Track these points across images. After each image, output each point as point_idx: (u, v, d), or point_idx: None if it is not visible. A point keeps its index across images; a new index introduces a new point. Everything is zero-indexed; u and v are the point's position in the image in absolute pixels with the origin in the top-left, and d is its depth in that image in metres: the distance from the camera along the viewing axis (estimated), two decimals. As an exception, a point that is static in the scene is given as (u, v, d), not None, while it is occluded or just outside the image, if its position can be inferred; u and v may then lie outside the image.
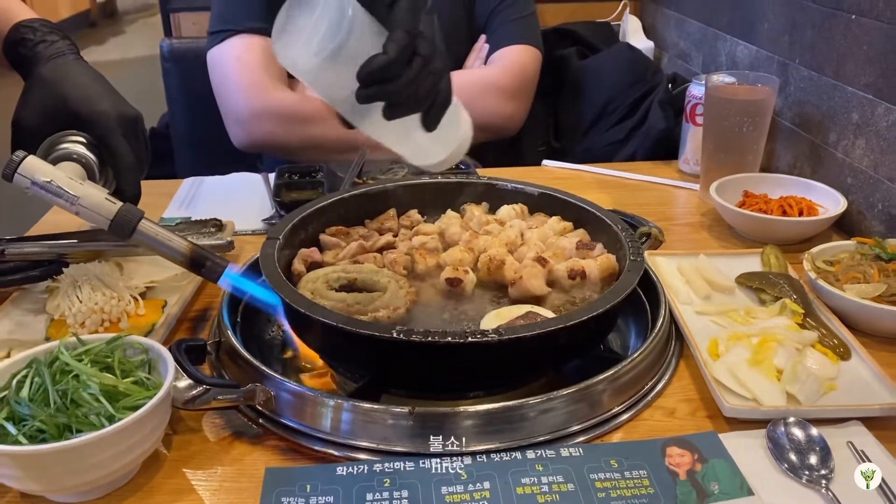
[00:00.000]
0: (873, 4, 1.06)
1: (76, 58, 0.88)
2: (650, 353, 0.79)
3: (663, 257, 0.99)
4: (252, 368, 0.75)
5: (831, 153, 1.17)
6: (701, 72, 1.59)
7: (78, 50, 0.90)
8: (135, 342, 0.70)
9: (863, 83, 1.09)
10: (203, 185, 1.32)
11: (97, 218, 0.75)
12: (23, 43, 0.88)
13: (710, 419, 0.74)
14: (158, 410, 0.64)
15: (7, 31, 0.89)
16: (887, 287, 0.84)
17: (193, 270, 0.79)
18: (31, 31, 0.89)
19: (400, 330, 0.69)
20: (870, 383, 0.76)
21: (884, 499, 0.62)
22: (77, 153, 0.83)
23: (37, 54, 0.87)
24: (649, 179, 1.33)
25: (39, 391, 0.64)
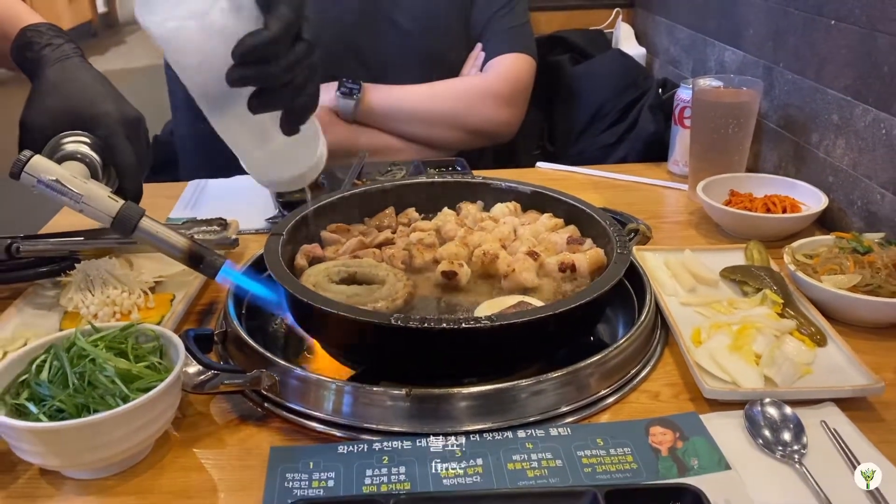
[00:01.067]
0: (850, 10, 1.10)
1: (81, 61, 0.91)
2: (636, 340, 0.82)
3: (651, 252, 1.03)
4: (257, 355, 0.79)
5: (814, 153, 1.21)
6: (690, 76, 1.64)
7: (83, 53, 0.93)
8: (147, 329, 0.74)
9: (842, 85, 1.13)
10: (208, 187, 1.37)
11: (100, 215, 0.77)
12: (29, 46, 0.91)
13: (692, 401, 0.77)
14: (170, 392, 0.68)
15: (15, 34, 0.92)
16: (862, 278, 0.88)
17: (192, 266, 0.80)
18: (37, 34, 0.92)
19: (398, 317, 0.73)
20: (844, 367, 0.80)
21: (853, 473, 0.66)
22: (81, 153, 0.85)
23: (42, 57, 0.90)
24: (640, 180, 1.38)
25: (58, 374, 0.68)
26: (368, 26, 1.48)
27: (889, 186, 1.04)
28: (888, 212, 1.04)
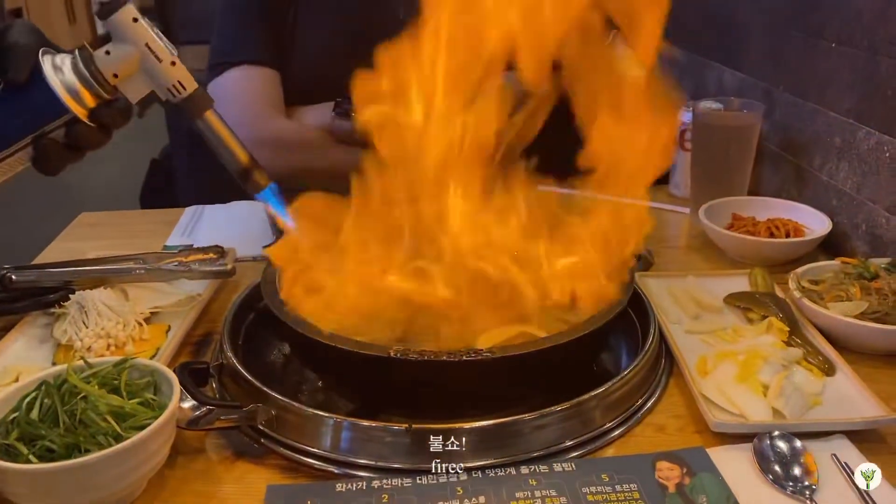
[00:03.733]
0: (851, 34, 1.10)
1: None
2: (640, 370, 0.81)
3: (654, 279, 1.01)
4: (254, 389, 0.77)
5: (816, 176, 1.20)
6: (690, 98, 1.63)
7: None
8: (140, 364, 0.73)
9: (844, 108, 1.12)
10: (205, 213, 1.35)
11: (168, 85, 0.75)
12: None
13: (699, 434, 0.76)
14: (163, 430, 0.66)
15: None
16: (869, 305, 0.87)
17: (240, 177, 0.81)
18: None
19: (397, 350, 0.71)
20: (853, 398, 0.78)
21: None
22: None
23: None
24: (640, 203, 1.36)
25: (49, 412, 0.66)
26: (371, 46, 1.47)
27: (894, 210, 1.02)
28: (894, 236, 1.03)
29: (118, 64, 0.73)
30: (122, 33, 0.73)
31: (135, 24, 0.73)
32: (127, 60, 0.74)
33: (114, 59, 0.73)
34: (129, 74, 0.74)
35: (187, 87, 0.76)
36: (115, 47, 0.74)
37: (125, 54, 0.73)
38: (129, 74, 0.74)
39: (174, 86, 0.75)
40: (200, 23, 2.13)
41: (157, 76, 0.74)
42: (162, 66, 0.74)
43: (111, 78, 0.74)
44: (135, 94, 0.75)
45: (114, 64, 0.73)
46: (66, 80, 0.72)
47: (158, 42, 0.74)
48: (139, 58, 0.73)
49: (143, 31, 0.73)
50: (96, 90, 0.73)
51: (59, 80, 0.72)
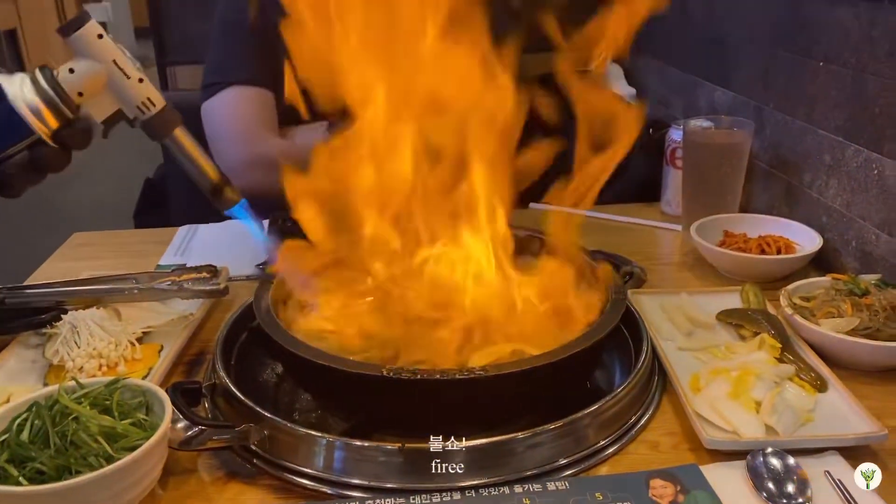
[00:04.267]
0: (839, 52, 1.11)
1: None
2: (634, 388, 0.81)
3: (646, 296, 1.02)
4: (246, 409, 0.77)
5: (806, 193, 1.21)
6: (682, 116, 1.64)
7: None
8: (132, 385, 0.72)
9: (833, 126, 1.13)
10: (198, 232, 1.35)
11: (139, 102, 0.73)
12: None
13: (693, 451, 0.76)
14: (155, 451, 0.66)
15: None
16: (860, 321, 0.87)
17: (211, 194, 0.80)
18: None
19: (390, 369, 0.71)
20: (846, 414, 0.78)
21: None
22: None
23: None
24: (633, 221, 1.37)
25: (40, 433, 0.66)
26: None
27: (883, 227, 1.03)
28: (883, 252, 1.03)
29: (83, 82, 0.71)
30: (87, 50, 0.71)
31: (100, 41, 0.71)
32: (93, 78, 0.71)
33: (78, 77, 0.71)
34: (95, 93, 0.72)
35: (156, 103, 0.74)
36: (80, 64, 0.71)
37: (91, 72, 0.71)
38: (95, 93, 0.72)
39: (143, 103, 0.74)
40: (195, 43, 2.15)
41: (124, 94, 0.72)
42: (130, 83, 0.72)
43: (76, 97, 0.71)
44: (101, 112, 0.73)
45: (78, 82, 0.71)
46: (28, 100, 0.70)
47: (125, 58, 0.72)
48: (105, 75, 0.71)
49: (110, 47, 0.71)
50: (60, 110, 0.71)
51: (21, 100, 0.69)
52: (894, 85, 1.00)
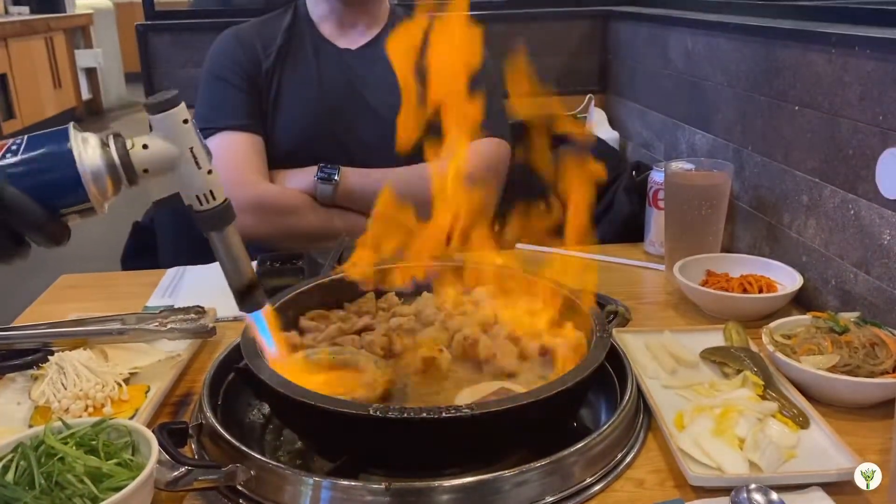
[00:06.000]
0: (813, 97, 1.15)
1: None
2: (619, 425, 0.82)
3: (631, 334, 1.03)
4: (233, 449, 0.77)
5: (786, 233, 1.24)
6: (663, 159, 1.68)
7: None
8: (119, 425, 0.72)
9: (809, 167, 1.16)
10: (186, 274, 1.36)
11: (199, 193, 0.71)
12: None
13: (678, 488, 0.76)
14: (141, 491, 0.66)
15: None
16: (840, 358, 0.88)
17: (240, 293, 0.78)
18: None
19: (376, 408, 0.72)
20: (828, 450, 0.79)
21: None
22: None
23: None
24: (617, 261, 1.39)
25: (25, 474, 0.65)
26: (347, 112, 1.52)
27: (861, 266, 1.05)
28: (862, 291, 1.05)
29: (153, 160, 0.69)
30: (169, 132, 0.69)
31: (184, 126, 0.69)
32: (165, 159, 0.69)
33: (150, 155, 0.69)
34: (160, 173, 0.70)
35: (217, 197, 0.72)
36: (156, 143, 0.69)
37: (165, 153, 0.69)
38: (160, 173, 0.70)
39: (205, 194, 0.71)
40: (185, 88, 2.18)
41: (190, 181, 0.70)
42: (199, 173, 0.70)
43: (141, 173, 0.69)
44: (158, 192, 0.71)
45: (149, 160, 0.69)
46: (92, 164, 0.66)
47: (201, 147, 0.70)
48: (177, 160, 0.69)
49: (191, 134, 0.70)
50: (120, 182, 0.68)
51: (86, 162, 0.66)
52: (866, 128, 1.03)
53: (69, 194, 0.67)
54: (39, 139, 0.68)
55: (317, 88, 1.51)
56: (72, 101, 7.22)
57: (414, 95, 0.99)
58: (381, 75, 1.53)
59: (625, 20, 2.08)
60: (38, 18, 6.76)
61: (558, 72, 2.19)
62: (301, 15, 1.55)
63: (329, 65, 1.52)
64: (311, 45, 1.53)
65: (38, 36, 6.64)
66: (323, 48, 1.53)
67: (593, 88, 2.18)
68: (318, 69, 1.52)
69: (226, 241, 0.75)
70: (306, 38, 1.53)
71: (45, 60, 6.76)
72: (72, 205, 0.68)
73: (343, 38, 1.55)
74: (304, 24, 1.55)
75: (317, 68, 1.52)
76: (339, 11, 1.53)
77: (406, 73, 0.97)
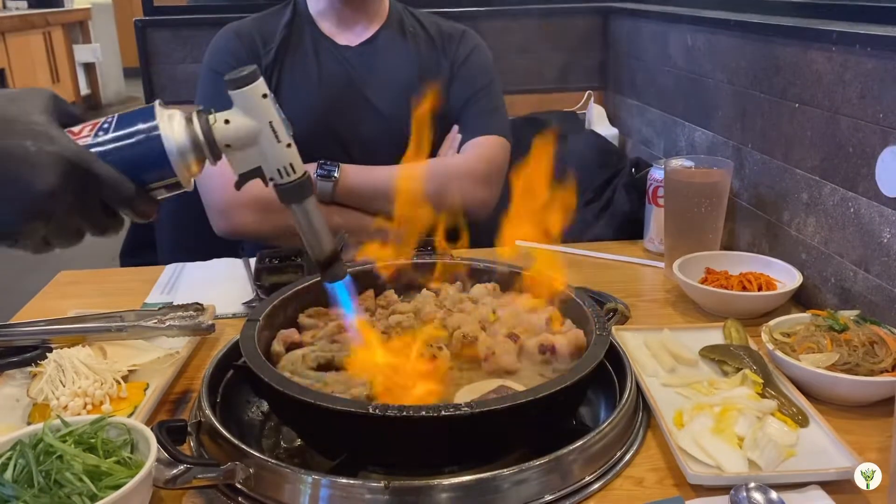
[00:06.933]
0: (813, 95, 1.14)
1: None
2: (618, 424, 0.82)
3: (630, 332, 1.03)
4: (232, 447, 0.77)
5: (786, 231, 1.24)
6: (663, 156, 1.68)
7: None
8: (118, 423, 0.72)
9: (809, 166, 1.16)
10: (185, 270, 1.36)
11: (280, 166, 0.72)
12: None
13: (677, 487, 0.76)
14: (140, 489, 0.66)
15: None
16: (839, 356, 0.88)
17: (321, 265, 0.78)
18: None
19: (375, 406, 0.72)
20: (827, 449, 0.79)
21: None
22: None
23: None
24: (616, 258, 1.39)
25: (23, 472, 0.65)
26: (347, 109, 1.51)
27: (860, 264, 1.05)
28: (861, 289, 1.05)
29: (235, 135, 0.70)
30: (248, 106, 0.70)
31: (264, 101, 0.70)
32: (246, 134, 0.71)
33: (232, 130, 0.70)
34: (242, 148, 0.71)
35: (297, 170, 0.73)
36: (237, 118, 0.70)
37: (246, 127, 0.70)
38: (242, 148, 0.71)
39: (285, 167, 0.73)
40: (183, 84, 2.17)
41: (270, 154, 0.72)
42: (279, 146, 0.71)
43: (223, 147, 0.70)
44: (240, 166, 0.72)
45: (231, 135, 0.70)
46: (177, 140, 0.68)
47: (280, 121, 0.71)
48: (258, 134, 0.71)
49: (270, 108, 0.71)
50: (204, 157, 0.70)
51: (171, 138, 0.68)
52: (866, 126, 1.03)
53: (157, 169, 0.68)
54: (129, 117, 0.69)
55: (316, 85, 1.50)
56: (70, 96, 7.20)
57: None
58: (380, 72, 1.53)
59: (625, 16, 2.08)
60: (37, 13, 6.74)
61: (558, 68, 2.19)
62: (300, 11, 1.55)
63: (329, 61, 1.52)
64: (310, 42, 1.52)
65: (37, 31, 6.62)
66: (322, 45, 1.53)
67: (593, 85, 2.18)
68: (318, 66, 1.51)
69: (307, 213, 0.76)
70: (306, 34, 1.53)
71: (43, 55, 6.74)
72: (159, 179, 0.69)
73: (343, 34, 1.54)
74: (304, 20, 1.54)
75: (316, 65, 1.51)
76: (338, 9, 1.53)
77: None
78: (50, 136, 0.64)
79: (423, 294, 1.02)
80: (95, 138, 0.67)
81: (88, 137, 0.67)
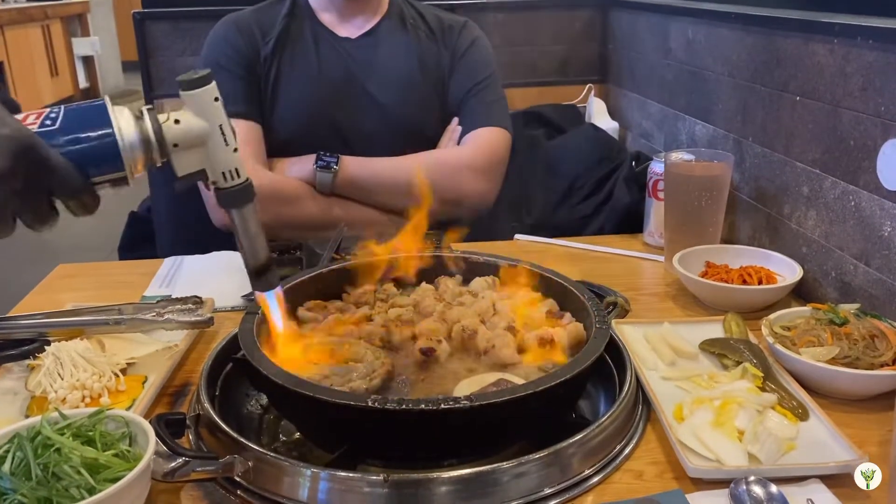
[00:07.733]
0: (814, 87, 1.14)
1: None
2: (618, 417, 0.81)
3: (630, 326, 1.03)
4: (230, 440, 0.77)
5: (786, 224, 1.23)
6: (663, 149, 1.67)
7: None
8: (116, 416, 0.72)
9: (810, 159, 1.16)
10: (184, 263, 1.35)
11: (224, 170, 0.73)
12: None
13: (677, 480, 0.76)
14: (138, 482, 0.66)
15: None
16: (840, 350, 0.88)
17: (254, 273, 0.79)
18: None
19: (375, 399, 0.71)
20: (827, 442, 0.79)
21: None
22: None
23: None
24: (616, 252, 1.39)
25: (21, 465, 0.65)
26: (347, 101, 1.51)
27: (861, 258, 1.05)
28: (861, 282, 1.05)
29: (184, 136, 0.71)
30: (200, 109, 0.71)
31: (215, 104, 0.72)
32: (196, 135, 0.71)
33: (181, 130, 0.71)
34: (188, 148, 0.72)
35: (241, 175, 0.74)
36: (187, 118, 0.71)
37: (195, 128, 0.71)
38: (188, 148, 0.72)
39: (230, 171, 0.74)
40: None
41: (217, 157, 0.73)
42: (225, 150, 0.72)
43: (171, 147, 0.71)
44: (183, 167, 0.73)
45: (180, 135, 0.71)
46: (125, 136, 0.68)
47: (229, 126, 0.72)
48: (206, 136, 0.71)
49: (220, 111, 0.72)
50: (152, 155, 0.70)
51: (120, 133, 0.68)
52: (868, 119, 1.03)
53: (106, 164, 0.69)
54: (78, 110, 0.70)
55: (316, 76, 1.50)
56: (69, 89, 7.19)
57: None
58: (380, 64, 1.52)
59: (625, 9, 2.07)
60: (35, 6, 6.72)
61: (558, 61, 2.18)
62: (300, 3, 1.54)
63: (328, 53, 1.51)
64: (310, 33, 1.52)
65: (35, 24, 6.60)
66: (322, 36, 1.52)
67: (593, 78, 2.17)
68: (318, 57, 1.50)
69: (245, 219, 0.77)
70: (305, 26, 1.52)
71: (41, 48, 6.72)
72: (106, 173, 0.69)
73: (343, 26, 1.54)
74: (304, 11, 1.53)
75: (316, 56, 1.50)
76: (338, 1, 1.52)
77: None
78: (2, 119, 0.63)
79: (423, 287, 1.02)
80: (42, 128, 0.67)
81: (34, 126, 0.67)
